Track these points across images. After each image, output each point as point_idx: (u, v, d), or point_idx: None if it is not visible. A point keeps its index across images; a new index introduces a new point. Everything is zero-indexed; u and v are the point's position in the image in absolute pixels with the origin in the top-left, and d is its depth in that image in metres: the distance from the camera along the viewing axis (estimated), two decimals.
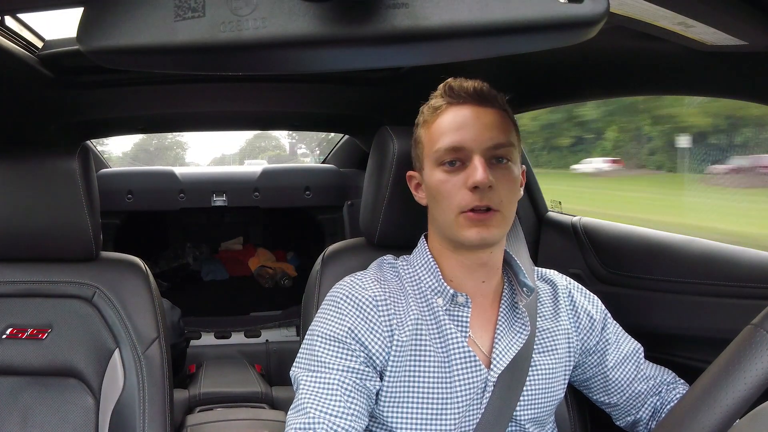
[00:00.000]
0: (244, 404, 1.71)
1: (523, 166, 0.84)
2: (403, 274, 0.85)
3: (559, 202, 1.51)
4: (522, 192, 0.83)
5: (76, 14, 0.42)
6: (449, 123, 0.79)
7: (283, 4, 0.40)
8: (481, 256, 0.81)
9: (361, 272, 0.87)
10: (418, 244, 0.88)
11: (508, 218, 0.79)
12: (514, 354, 0.81)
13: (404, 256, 0.89)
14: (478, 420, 0.80)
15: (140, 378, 1.00)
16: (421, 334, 0.80)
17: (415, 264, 0.86)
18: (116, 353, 1.01)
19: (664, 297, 1.05)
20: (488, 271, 0.83)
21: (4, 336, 1.01)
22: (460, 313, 0.81)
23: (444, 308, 0.81)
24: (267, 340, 2.20)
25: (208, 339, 2.21)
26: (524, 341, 0.82)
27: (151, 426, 0.98)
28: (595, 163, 5.71)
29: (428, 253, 0.85)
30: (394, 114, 1.62)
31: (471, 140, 0.77)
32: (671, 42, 0.72)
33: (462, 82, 0.80)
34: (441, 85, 0.82)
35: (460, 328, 0.81)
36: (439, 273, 0.83)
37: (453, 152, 0.77)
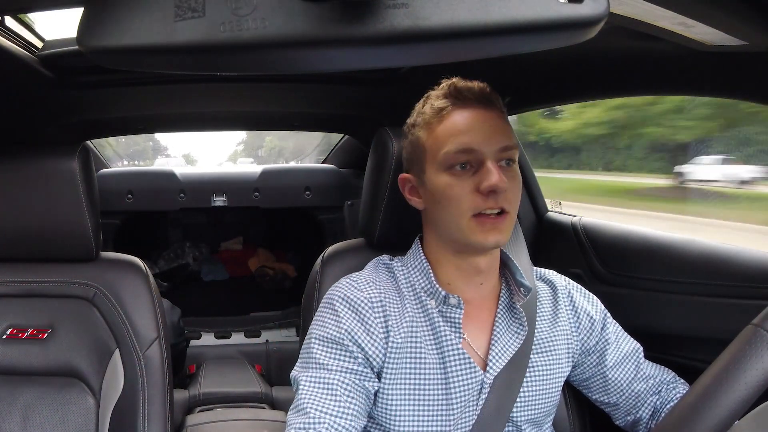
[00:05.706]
0: (244, 404, 1.71)
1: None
2: (398, 274, 0.85)
3: (559, 202, 1.51)
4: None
5: (76, 14, 0.42)
6: (457, 125, 0.76)
7: (283, 5, 0.40)
8: (482, 260, 0.81)
9: (357, 273, 0.87)
10: (413, 246, 0.87)
11: (515, 219, 0.79)
12: (510, 356, 0.81)
13: (399, 257, 0.89)
14: (474, 421, 0.80)
15: (140, 378, 1.00)
16: (416, 336, 0.80)
17: (409, 265, 0.85)
18: (116, 353, 1.01)
19: (664, 297, 1.05)
20: (486, 274, 0.83)
21: (5, 336, 1.01)
22: (453, 315, 0.81)
23: (437, 309, 0.81)
24: (267, 340, 2.20)
25: (208, 339, 2.21)
26: (521, 342, 0.82)
27: (151, 426, 0.98)
28: None
29: (422, 255, 0.84)
30: (394, 114, 1.61)
31: (482, 143, 0.75)
32: (671, 42, 0.72)
33: (467, 84, 0.78)
34: (444, 85, 0.80)
35: (453, 330, 0.80)
36: (432, 275, 0.82)
37: (463, 155, 0.75)
